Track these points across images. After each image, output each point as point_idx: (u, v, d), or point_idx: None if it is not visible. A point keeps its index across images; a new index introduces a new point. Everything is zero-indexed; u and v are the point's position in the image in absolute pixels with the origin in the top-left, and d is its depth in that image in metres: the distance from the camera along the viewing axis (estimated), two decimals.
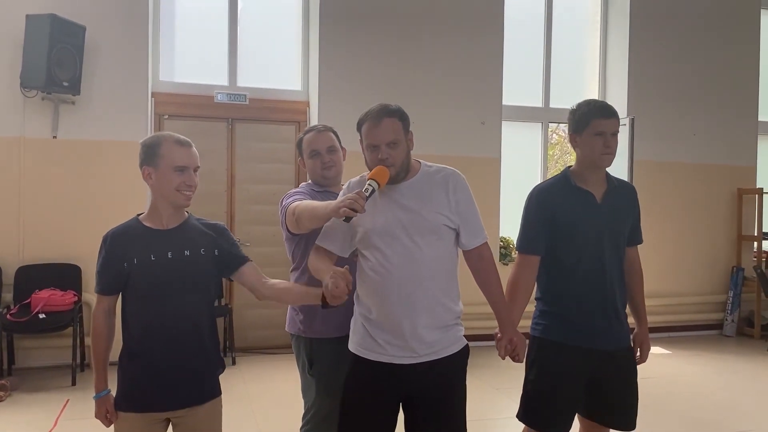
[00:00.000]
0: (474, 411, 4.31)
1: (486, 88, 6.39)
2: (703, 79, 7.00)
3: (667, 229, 6.82)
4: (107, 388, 2.17)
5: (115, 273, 2.15)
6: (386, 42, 6.11)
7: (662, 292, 6.77)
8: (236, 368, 5.41)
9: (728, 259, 7.14)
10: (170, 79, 5.91)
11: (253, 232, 5.97)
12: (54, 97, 5.19)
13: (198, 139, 6.53)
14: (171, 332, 2.12)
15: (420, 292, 2.15)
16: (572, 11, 7.10)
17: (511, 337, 2.34)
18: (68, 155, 5.32)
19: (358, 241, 2.22)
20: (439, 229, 2.19)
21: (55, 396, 4.58)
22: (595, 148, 2.48)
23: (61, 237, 5.27)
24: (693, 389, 5.07)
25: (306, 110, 6.16)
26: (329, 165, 2.67)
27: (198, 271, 2.18)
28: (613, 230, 2.52)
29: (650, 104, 6.80)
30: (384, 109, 2.19)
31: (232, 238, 2.33)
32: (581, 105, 2.55)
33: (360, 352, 2.24)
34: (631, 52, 6.77)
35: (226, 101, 5.91)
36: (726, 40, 7.07)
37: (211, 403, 2.21)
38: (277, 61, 6.29)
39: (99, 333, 2.19)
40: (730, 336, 6.97)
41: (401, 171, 2.20)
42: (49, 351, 5.24)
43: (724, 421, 4.35)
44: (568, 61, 7.07)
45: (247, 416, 4.28)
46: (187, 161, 2.15)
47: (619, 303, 2.55)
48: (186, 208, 2.22)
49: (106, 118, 5.39)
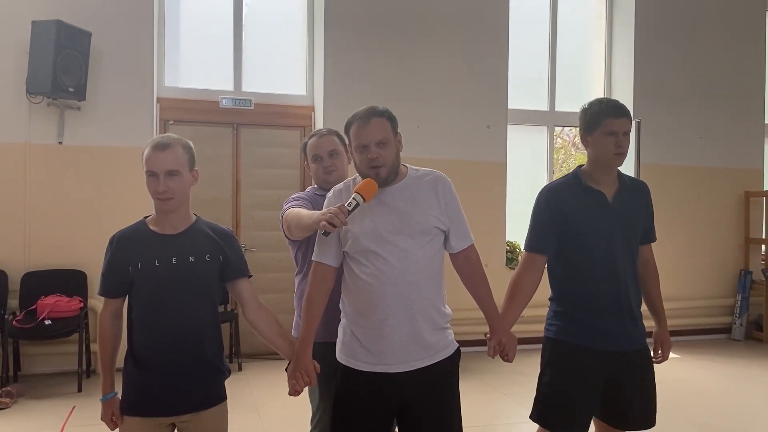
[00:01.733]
0: (480, 416, 4.31)
1: (491, 91, 6.37)
2: (709, 81, 6.98)
3: (675, 232, 6.78)
4: (114, 391, 2.16)
5: (119, 276, 2.14)
6: (391, 46, 6.11)
7: (670, 295, 6.65)
8: (242, 374, 5.39)
9: (736, 263, 7.10)
10: (175, 84, 5.92)
11: (259, 238, 5.96)
12: (60, 102, 5.20)
13: (203, 145, 6.52)
14: (175, 337, 2.10)
15: (416, 294, 2.13)
16: (577, 14, 7.09)
17: (500, 338, 2.34)
18: (74, 161, 5.33)
19: (350, 247, 2.18)
20: (431, 231, 2.18)
21: (62, 402, 4.57)
22: (606, 148, 2.46)
23: (66, 243, 5.27)
24: (702, 394, 5.03)
25: (311, 115, 6.16)
26: (330, 169, 2.66)
27: (202, 278, 2.15)
28: (625, 230, 2.50)
29: (656, 107, 6.78)
30: (372, 110, 2.18)
31: (239, 247, 2.30)
32: (593, 104, 2.52)
33: (351, 363, 2.19)
34: (637, 55, 6.75)
35: (232, 106, 5.91)
36: (732, 43, 7.05)
37: (216, 408, 2.19)
38: (282, 66, 6.28)
39: (105, 336, 2.18)
40: (738, 340, 6.91)
41: (391, 172, 2.18)
42: (55, 357, 5.23)
43: (734, 426, 4.31)
44: (574, 65, 7.06)
45: (254, 422, 4.26)
46: (154, 166, 2.08)
47: (633, 303, 2.52)
48: (170, 213, 2.15)
49: (112, 124, 5.39)
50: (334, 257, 2.23)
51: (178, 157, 2.11)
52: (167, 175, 2.08)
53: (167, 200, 2.10)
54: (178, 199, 2.12)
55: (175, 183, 2.09)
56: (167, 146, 2.10)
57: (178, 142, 2.14)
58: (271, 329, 2.27)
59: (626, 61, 6.86)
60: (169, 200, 2.10)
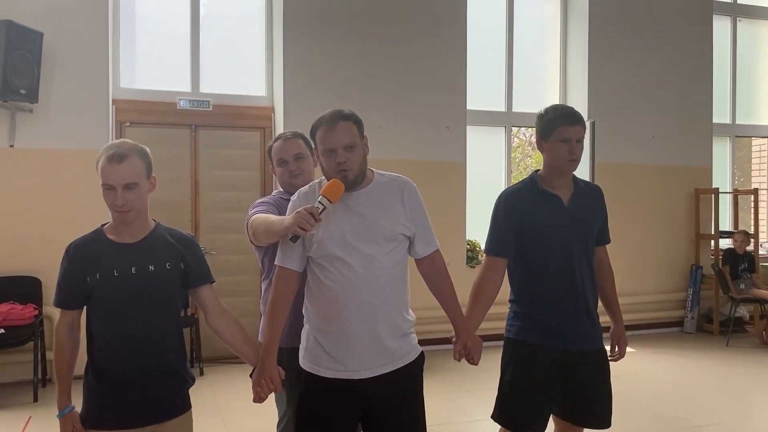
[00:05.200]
0: (443, 415, 4.37)
1: (450, 92, 6.44)
2: (661, 82, 7.19)
3: (628, 229, 6.97)
4: (71, 405, 2.11)
5: (76, 287, 2.09)
6: (350, 46, 6.12)
7: (624, 291, 6.82)
8: (204, 379, 5.34)
9: (687, 258, 7.34)
10: (131, 85, 5.81)
11: (219, 240, 5.91)
12: (10, 105, 5.05)
13: (161, 147, 6.40)
14: (136, 347, 2.07)
15: (380, 301, 2.14)
16: (533, 17, 7.22)
17: (465, 341, 2.36)
18: (26, 164, 5.19)
19: (314, 252, 2.17)
20: (396, 237, 2.19)
21: (17, 413, 4.46)
22: (560, 154, 2.52)
23: (20, 248, 5.13)
24: (656, 386, 5.20)
25: (271, 116, 6.12)
26: (296, 173, 2.65)
27: (163, 286, 2.12)
28: (580, 232, 2.57)
29: (610, 107, 6.96)
30: (338, 113, 2.17)
31: (201, 253, 2.27)
32: (548, 110, 2.58)
33: (314, 369, 2.20)
34: (591, 55, 6.92)
35: (189, 107, 5.84)
36: (681, 45, 7.28)
37: (180, 418, 2.18)
38: (241, 67, 6.23)
39: (61, 348, 2.13)
40: (690, 333, 7.15)
41: (359, 175, 2.18)
42: (9, 367, 5.09)
43: (687, 415, 4.47)
44: (530, 66, 7.19)
45: (218, 427, 4.23)
46: (111, 180, 2.03)
47: (590, 303, 2.60)
48: (128, 223, 2.11)
49: (66, 126, 5.27)
50: (298, 262, 2.22)
51: (135, 168, 2.06)
52: (125, 188, 2.03)
53: (126, 212, 2.07)
54: (136, 210, 2.09)
55: (133, 195, 2.05)
56: (124, 157, 2.04)
57: (134, 151, 2.08)
58: (235, 336, 2.25)
59: (580, 62, 7.02)
60: (128, 212, 2.07)
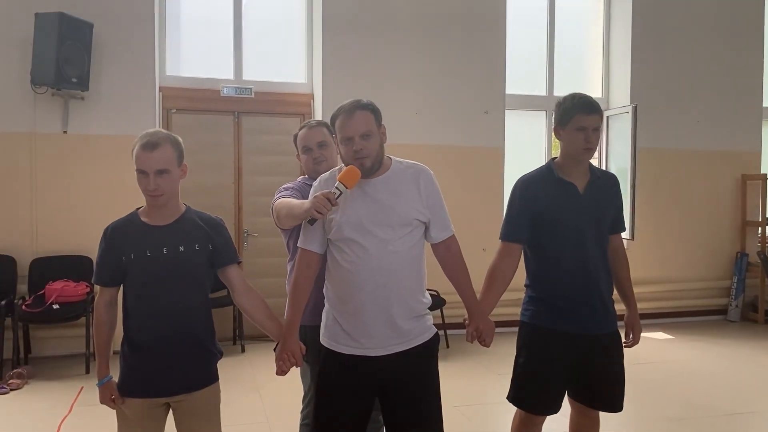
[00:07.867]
0: (474, 395, 4.44)
1: (489, 77, 6.42)
2: (707, 65, 6.99)
3: (672, 215, 6.86)
4: (109, 375, 2.29)
5: (112, 266, 2.26)
6: (389, 33, 6.16)
7: (667, 277, 6.83)
8: (245, 356, 5.55)
9: (733, 245, 7.16)
10: (177, 73, 6.02)
11: (260, 223, 6.09)
12: (63, 93, 5.32)
13: (205, 133, 6.59)
14: (167, 324, 2.22)
15: (393, 283, 2.23)
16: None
17: (477, 325, 2.45)
18: (78, 149, 5.47)
19: (333, 234, 2.28)
20: (411, 222, 2.27)
21: (70, 384, 4.75)
22: (576, 143, 2.56)
23: (73, 229, 5.42)
24: (691, 373, 5.13)
25: (310, 102, 6.25)
26: (320, 160, 2.76)
27: (192, 266, 2.26)
28: (595, 220, 2.61)
29: (653, 92, 6.81)
30: (356, 103, 2.27)
31: (227, 234, 2.41)
32: (566, 99, 2.62)
33: (332, 345, 2.32)
34: (634, 39, 6.77)
35: (233, 95, 6.01)
36: (729, 26, 7.05)
37: (208, 389, 2.32)
38: (282, 55, 6.36)
39: (100, 323, 2.31)
40: (734, 321, 7.00)
41: (375, 163, 2.27)
42: (63, 341, 5.41)
43: (719, 403, 4.42)
44: (572, 49, 7.07)
45: (255, 402, 4.42)
46: (144, 166, 2.18)
47: (604, 289, 2.63)
48: (160, 207, 2.24)
49: (115, 113, 5.51)
50: (319, 244, 2.34)
51: (167, 155, 2.20)
52: (157, 174, 2.18)
53: (157, 197, 2.22)
54: (167, 195, 2.24)
55: (164, 181, 2.20)
56: (156, 146, 2.19)
57: (167, 140, 2.23)
58: (259, 312, 2.39)
59: (624, 46, 6.88)
60: (159, 197, 2.22)
